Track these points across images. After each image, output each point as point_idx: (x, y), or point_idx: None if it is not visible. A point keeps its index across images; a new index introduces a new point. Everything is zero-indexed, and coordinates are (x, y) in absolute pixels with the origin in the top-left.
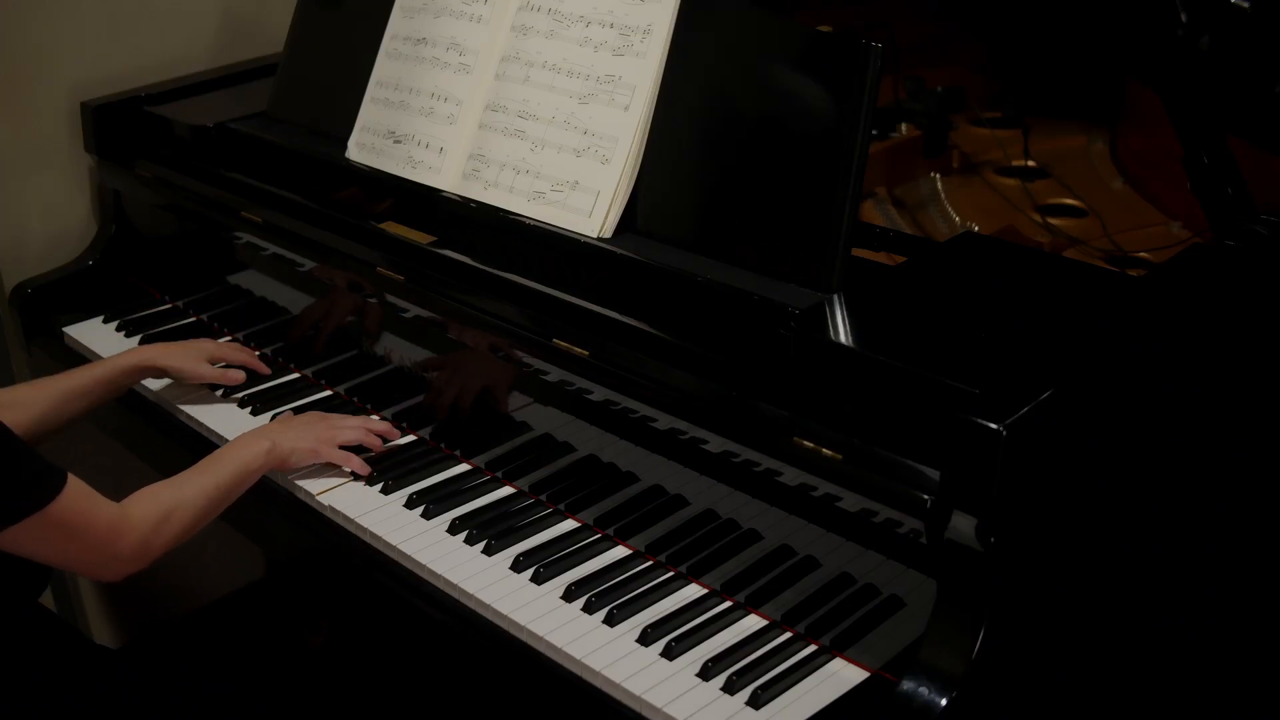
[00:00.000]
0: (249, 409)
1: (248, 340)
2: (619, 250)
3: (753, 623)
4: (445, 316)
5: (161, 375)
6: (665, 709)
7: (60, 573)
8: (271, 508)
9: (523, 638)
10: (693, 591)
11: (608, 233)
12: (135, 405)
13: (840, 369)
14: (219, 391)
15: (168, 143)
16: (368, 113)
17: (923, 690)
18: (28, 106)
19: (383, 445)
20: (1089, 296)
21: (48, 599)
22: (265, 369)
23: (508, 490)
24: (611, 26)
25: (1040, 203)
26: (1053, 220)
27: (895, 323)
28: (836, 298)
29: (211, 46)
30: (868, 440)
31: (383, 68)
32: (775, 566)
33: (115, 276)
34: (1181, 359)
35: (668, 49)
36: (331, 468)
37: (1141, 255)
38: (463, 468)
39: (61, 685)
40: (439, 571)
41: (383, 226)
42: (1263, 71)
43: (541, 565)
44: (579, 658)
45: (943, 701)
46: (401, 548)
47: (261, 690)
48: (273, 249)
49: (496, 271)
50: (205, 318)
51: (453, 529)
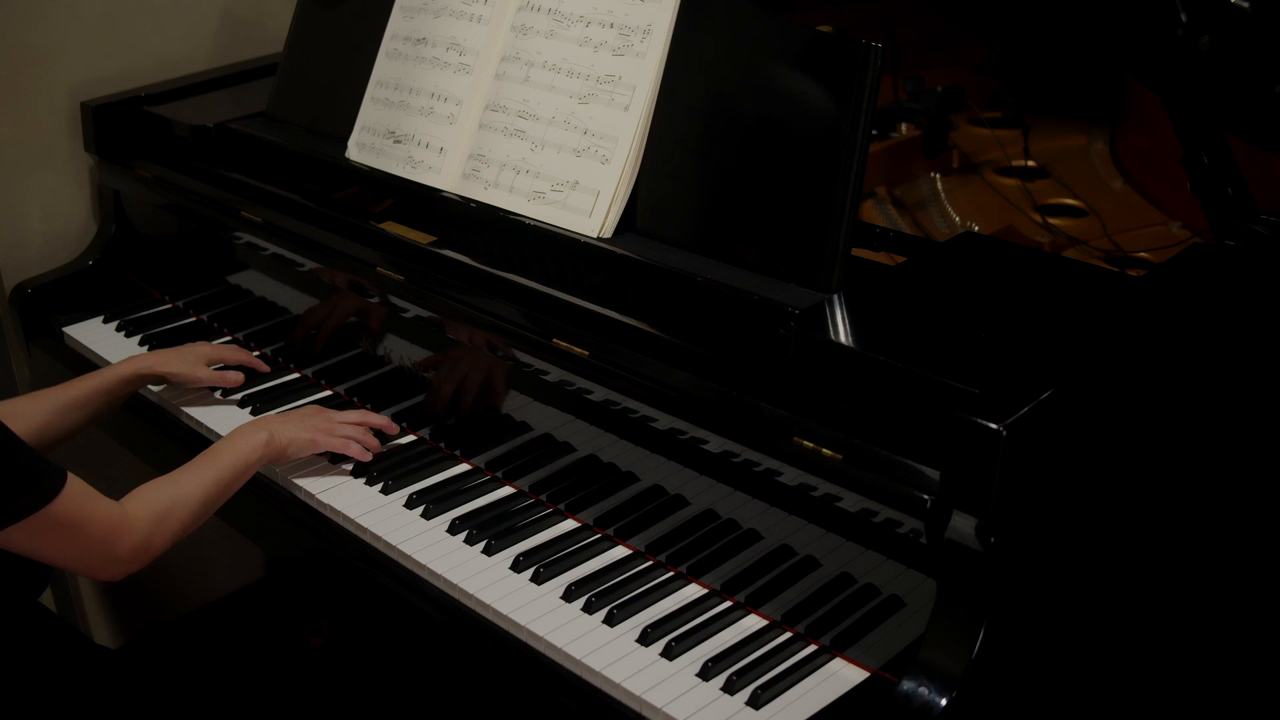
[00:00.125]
0: (249, 409)
1: (247, 340)
2: (619, 250)
3: (753, 623)
4: (445, 316)
5: (161, 382)
6: (665, 709)
7: (60, 573)
8: (271, 508)
9: (523, 637)
10: (693, 591)
11: (608, 233)
12: (135, 405)
13: (840, 369)
14: (218, 391)
15: (168, 143)
16: (368, 113)
17: (923, 690)
18: (28, 106)
19: (380, 446)
20: (1089, 296)
21: (48, 599)
22: (265, 367)
23: (508, 490)
24: (611, 26)
25: (1040, 203)
26: (1053, 220)
27: (895, 323)
28: (836, 298)
29: (211, 46)
30: (868, 440)
31: (383, 68)
32: (775, 566)
33: (115, 276)
34: (1181, 359)
35: (668, 49)
36: (331, 467)
37: (1141, 255)
38: (463, 468)
39: (61, 685)
40: (439, 571)
41: (383, 226)
42: (1263, 71)
43: (541, 565)
44: (579, 658)
45: (943, 701)
46: (401, 548)
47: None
48: (273, 249)
49: (496, 271)
50: (205, 318)
51: (453, 529)
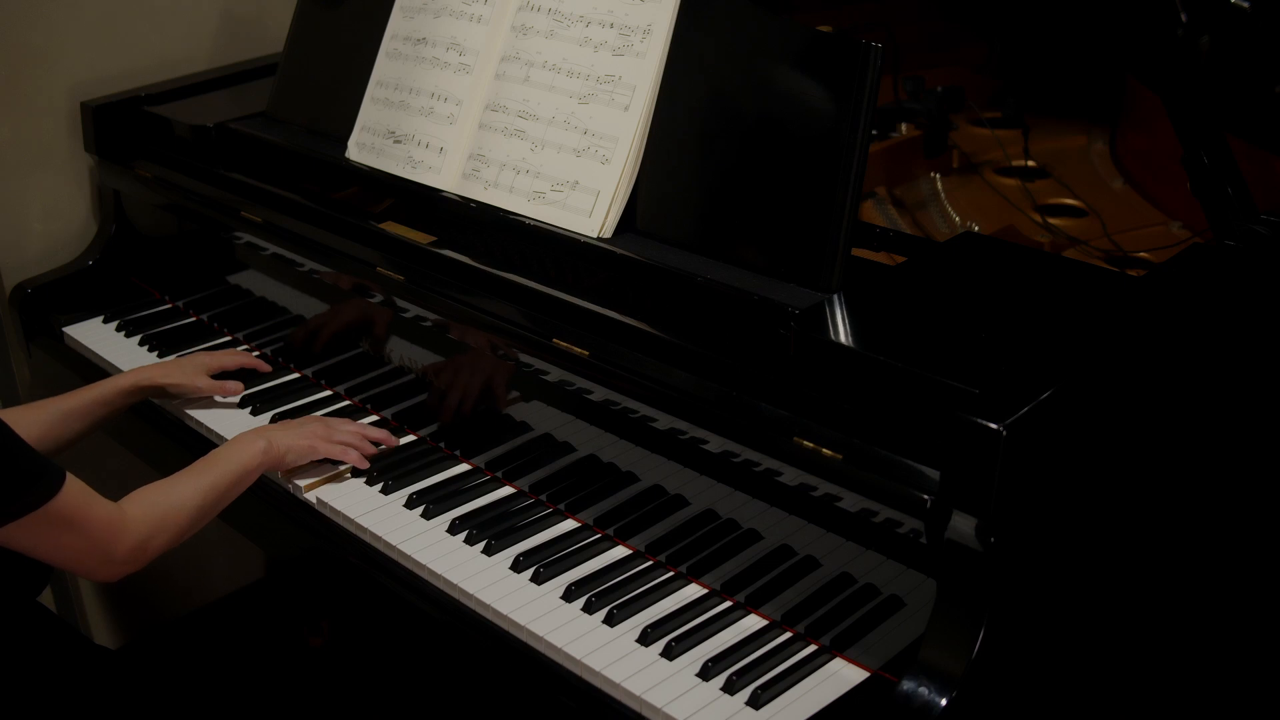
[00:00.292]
0: (249, 409)
1: (247, 340)
2: (619, 250)
3: (753, 623)
4: (445, 316)
5: (162, 394)
6: (665, 709)
7: (60, 573)
8: (271, 508)
9: (523, 637)
10: (693, 591)
11: (608, 233)
12: (136, 405)
13: (840, 369)
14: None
15: (168, 143)
16: (368, 113)
17: (923, 690)
18: (28, 106)
19: (374, 450)
20: (1089, 296)
21: (48, 599)
22: (266, 368)
23: (508, 490)
24: (611, 26)
25: (1040, 203)
26: (1053, 220)
27: (895, 323)
28: (836, 298)
29: (211, 46)
30: (868, 440)
31: (383, 68)
32: (775, 566)
33: (115, 276)
34: (1182, 359)
35: (668, 49)
36: (331, 467)
37: (1141, 255)
38: (463, 468)
39: (61, 685)
40: (439, 571)
41: (383, 226)
42: (1263, 71)
43: (541, 565)
44: (579, 658)
45: (943, 701)
46: (401, 548)
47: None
48: (273, 249)
49: (496, 271)
50: (205, 318)
51: (453, 529)
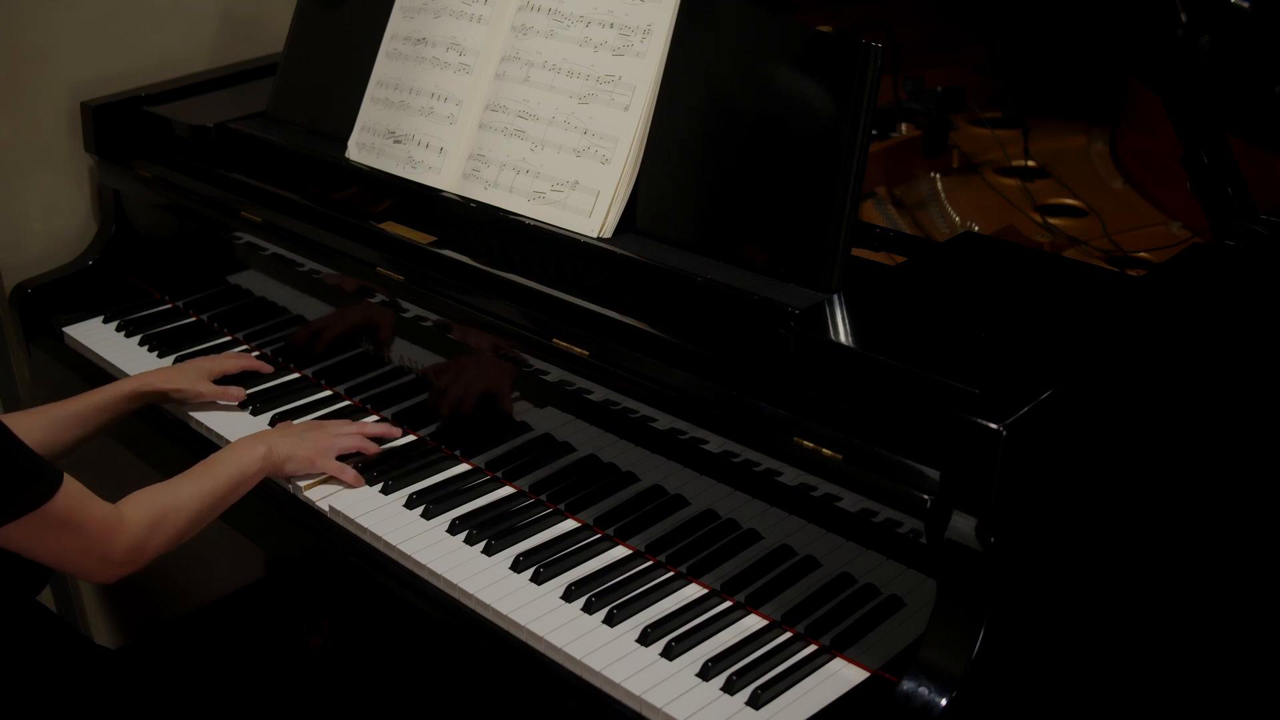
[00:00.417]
0: (249, 409)
1: (247, 340)
2: (619, 250)
3: (753, 623)
4: (445, 316)
5: (164, 400)
6: (665, 709)
7: (60, 573)
8: (271, 508)
9: (523, 637)
10: (693, 591)
11: (608, 233)
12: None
13: (840, 369)
14: None
15: (168, 143)
16: (368, 113)
17: (923, 690)
18: (28, 106)
19: (379, 449)
20: (1089, 296)
21: (48, 599)
22: (267, 368)
23: (508, 490)
24: (611, 26)
25: (1040, 203)
26: (1053, 220)
27: (895, 323)
28: (836, 298)
29: (211, 46)
30: (868, 440)
31: (383, 68)
32: (775, 566)
33: (115, 276)
34: (1181, 359)
35: (668, 49)
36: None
37: (1141, 255)
38: (463, 468)
39: (61, 685)
40: (439, 571)
41: (383, 226)
42: (1263, 71)
43: (541, 565)
44: (579, 658)
45: (943, 701)
46: (401, 548)
47: (261, 690)
48: (273, 249)
49: (496, 271)
50: (205, 318)
51: (453, 529)
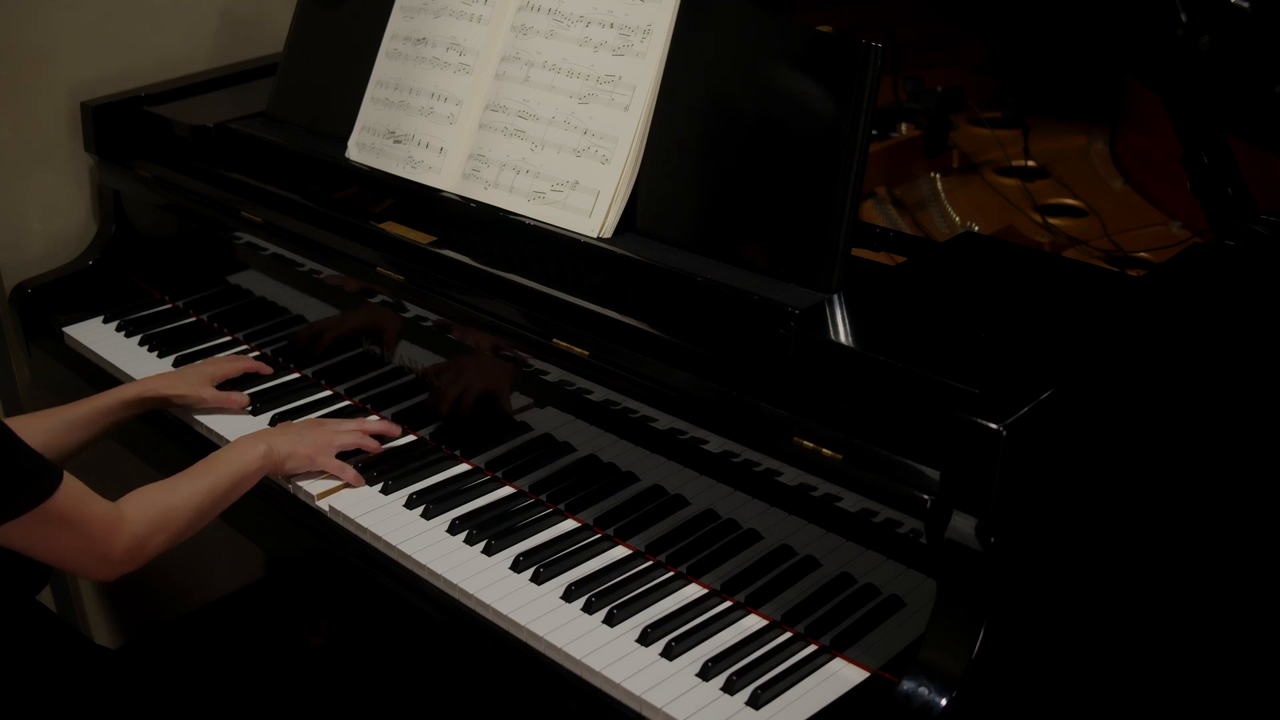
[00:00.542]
0: (249, 409)
1: (247, 340)
2: (619, 250)
3: (753, 623)
4: (445, 316)
5: (166, 405)
6: (665, 709)
7: (60, 572)
8: (271, 508)
9: (523, 637)
10: (693, 591)
11: (608, 233)
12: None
13: (840, 369)
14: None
15: (168, 143)
16: (368, 113)
17: (923, 690)
18: (28, 106)
19: (380, 447)
20: (1089, 296)
21: (47, 598)
22: (268, 369)
23: (508, 490)
24: (611, 26)
25: (1040, 203)
26: (1053, 220)
27: (895, 323)
28: (836, 298)
29: (211, 46)
30: (868, 440)
31: (383, 68)
32: (775, 566)
33: (115, 276)
34: (1181, 359)
35: (668, 49)
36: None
37: (1141, 255)
38: (463, 468)
39: (61, 685)
40: (439, 571)
41: (383, 226)
42: (1263, 71)
43: (541, 565)
44: (579, 658)
45: (943, 701)
46: (401, 548)
47: (261, 690)
48: (273, 249)
49: (496, 271)
50: (205, 318)
51: (453, 529)
